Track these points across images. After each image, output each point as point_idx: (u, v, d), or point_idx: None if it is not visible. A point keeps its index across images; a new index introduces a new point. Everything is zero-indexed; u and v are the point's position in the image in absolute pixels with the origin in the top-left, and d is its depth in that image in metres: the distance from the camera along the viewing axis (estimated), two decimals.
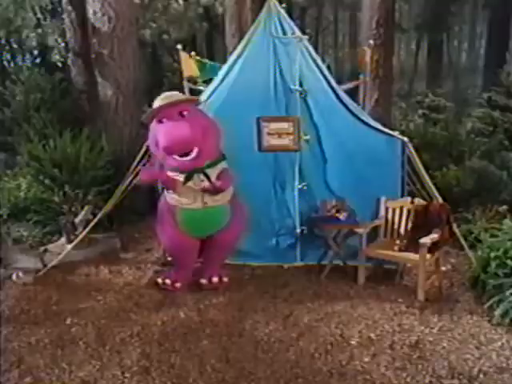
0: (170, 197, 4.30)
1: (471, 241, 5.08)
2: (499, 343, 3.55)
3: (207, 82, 5.40)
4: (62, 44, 8.53)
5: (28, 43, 7.54)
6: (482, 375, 3.19)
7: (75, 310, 4.14)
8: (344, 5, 17.76)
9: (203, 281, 4.46)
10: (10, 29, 7.13)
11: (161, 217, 4.44)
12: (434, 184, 4.94)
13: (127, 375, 3.26)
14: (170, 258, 4.91)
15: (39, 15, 7.39)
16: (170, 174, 4.15)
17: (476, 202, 5.85)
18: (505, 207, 5.42)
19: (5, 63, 8.77)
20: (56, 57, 8.02)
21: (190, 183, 4.11)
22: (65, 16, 8.35)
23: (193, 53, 5.52)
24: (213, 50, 14.21)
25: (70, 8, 7.71)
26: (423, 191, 4.89)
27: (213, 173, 4.13)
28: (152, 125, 4.13)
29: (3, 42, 7.81)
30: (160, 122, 3.99)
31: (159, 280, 4.50)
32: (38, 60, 8.71)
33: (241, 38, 9.32)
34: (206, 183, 4.09)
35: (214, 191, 4.12)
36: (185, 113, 3.96)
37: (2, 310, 4.14)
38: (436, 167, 6.54)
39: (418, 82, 18.08)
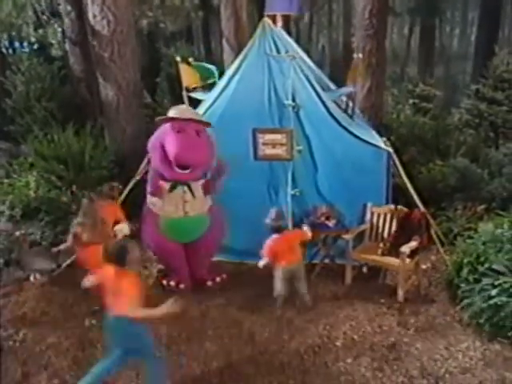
0: (152, 205, 4.70)
1: (451, 239, 5.53)
2: (466, 344, 4.03)
3: (205, 88, 5.68)
4: (60, 32, 8.66)
5: (28, 39, 7.66)
6: (447, 375, 3.69)
7: (90, 311, 4.58)
8: None
9: (209, 283, 4.94)
10: (12, 32, 7.26)
11: (145, 224, 4.86)
12: (415, 186, 5.33)
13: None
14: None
15: (38, 12, 7.48)
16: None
17: (459, 198, 6.22)
18: (482, 207, 5.79)
19: (3, 50, 8.88)
20: (55, 51, 8.16)
21: (173, 193, 4.51)
22: (61, 6, 8.44)
23: (191, 59, 5.78)
24: (209, 34, 14.17)
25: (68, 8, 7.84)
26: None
27: (197, 185, 4.58)
28: (162, 129, 4.48)
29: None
30: (175, 130, 4.33)
31: (164, 282, 4.94)
32: (35, 46, 8.82)
33: (236, 22, 9.48)
34: (189, 195, 4.50)
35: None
36: (200, 133, 4.38)
37: (25, 312, 4.60)
38: (423, 161, 6.91)
39: (410, 66, 18.12)
